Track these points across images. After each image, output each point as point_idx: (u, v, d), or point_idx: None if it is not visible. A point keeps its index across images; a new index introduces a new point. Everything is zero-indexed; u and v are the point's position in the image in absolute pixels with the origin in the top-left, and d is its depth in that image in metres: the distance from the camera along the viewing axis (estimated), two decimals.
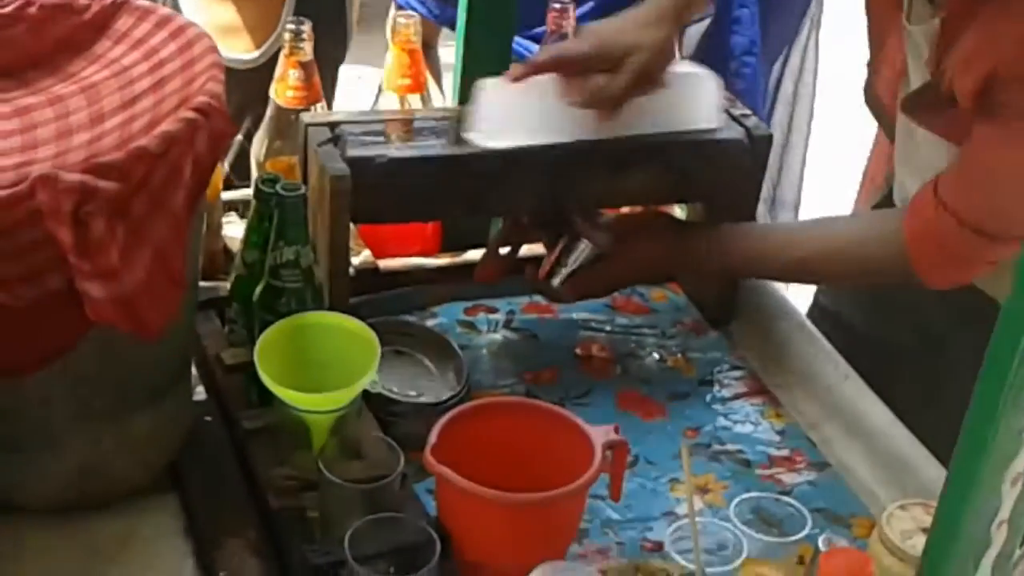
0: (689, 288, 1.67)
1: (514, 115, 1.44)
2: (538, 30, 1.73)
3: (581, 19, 1.72)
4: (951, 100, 1.29)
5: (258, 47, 1.94)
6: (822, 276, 1.52)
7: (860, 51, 1.57)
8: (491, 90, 1.44)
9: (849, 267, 1.47)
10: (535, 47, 1.72)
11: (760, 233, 1.55)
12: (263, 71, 1.79)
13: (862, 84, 1.57)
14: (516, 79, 1.41)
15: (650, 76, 1.43)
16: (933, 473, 1.36)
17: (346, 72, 2.13)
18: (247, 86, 1.89)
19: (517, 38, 1.77)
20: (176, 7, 1.92)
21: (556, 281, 1.50)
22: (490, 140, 1.44)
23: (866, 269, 1.45)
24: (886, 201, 1.60)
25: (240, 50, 1.94)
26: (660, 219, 1.58)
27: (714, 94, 1.54)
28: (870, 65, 1.53)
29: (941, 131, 1.37)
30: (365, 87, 2.13)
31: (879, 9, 1.51)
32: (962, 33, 1.28)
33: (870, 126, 1.67)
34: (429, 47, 2.08)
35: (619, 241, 1.49)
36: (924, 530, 1.13)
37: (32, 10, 1.27)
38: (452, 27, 1.82)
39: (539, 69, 1.42)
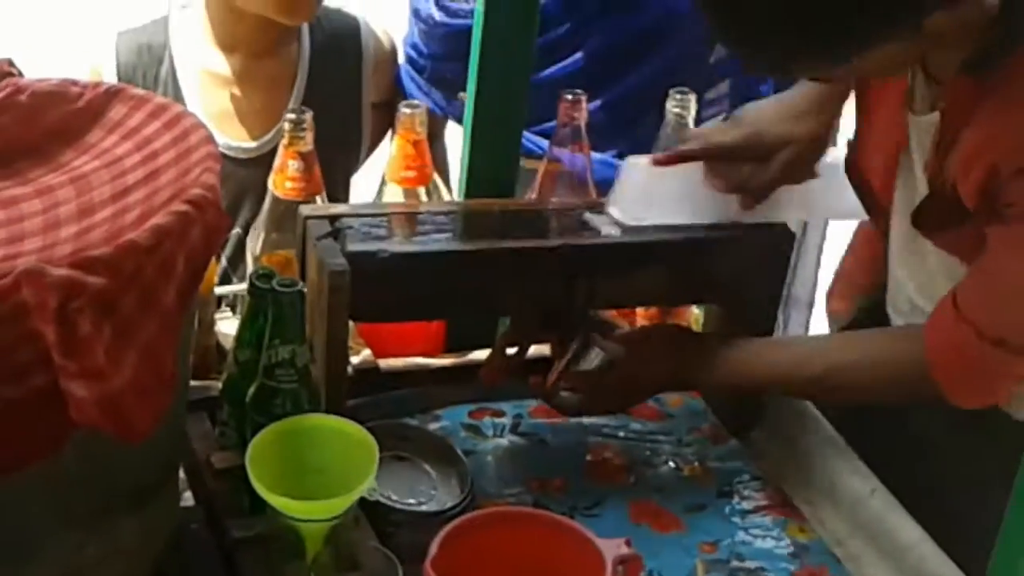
0: (707, 394, 1.68)
1: (657, 195, 1.50)
2: (547, 125, 1.76)
3: (593, 114, 1.75)
4: (960, 211, 1.30)
5: (260, 136, 1.97)
6: (844, 393, 1.52)
7: None
8: (636, 168, 1.51)
9: (874, 383, 1.46)
10: (545, 143, 1.75)
11: (779, 348, 1.56)
12: (263, 161, 1.82)
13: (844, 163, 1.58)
14: (662, 163, 1.48)
15: (800, 168, 1.47)
16: None
17: None
18: (246, 176, 1.92)
19: (527, 132, 1.80)
20: (177, 90, 1.95)
21: (566, 394, 1.51)
22: (631, 217, 1.50)
23: (891, 386, 1.45)
24: (874, 305, 1.60)
25: (240, 138, 1.97)
26: (674, 332, 1.59)
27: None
28: (852, 144, 1.54)
29: (953, 248, 1.38)
30: (363, 177, 2.15)
31: (872, 92, 1.51)
32: (961, 131, 1.30)
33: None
34: (435, 138, 2.11)
35: (631, 355, 1.50)
36: None
37: (23, 98, 1.29)
38: (459, 121, 1.85)
39: (688, 157, 1.47)
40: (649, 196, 1.51)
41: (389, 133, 2.03)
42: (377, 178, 1.73)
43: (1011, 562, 0.87)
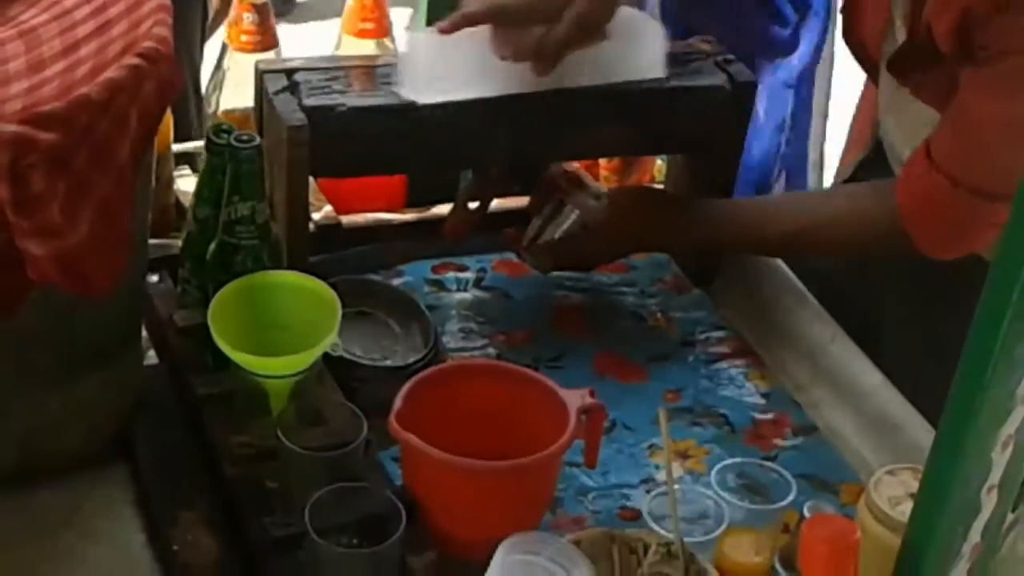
0: (679, 254, 1.68)
1: (447, 68, 1.42)
2: None
3: None
4: (933, 54, 1.29)
5: None
6: (816, 249, 1.53)
7: None
8: (423, 42, 1.43)
9: (845, 238, 1.47)
10: None
11: (752, 206, 1.56)
12: None
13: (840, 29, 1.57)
14: (447, 31, 1.39)
15: (591, 27, 1.41)
16: (925, 436, 1.37)
17: (300, 30, 2.11)
18: None
19: None
20: None
21: (541, 251, 1.50)
22: (421, 95, 1.42)
23: (863, 240, 1.46)
24: (873, 156, 1.60)
25: None
26: (650, 193, 1.60)
27: (659, 43, 1.51)
28: (844, 10, 1.52)
29: (928, 98, 1.37)
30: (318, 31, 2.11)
31: None
32: None
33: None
34: None
35: (607, 214, 1.49)
36: (913, 496, 1.14)
37: None
38: None
39: (473, 21, 1.40)
40: (436, 69, 1.42)
41: None
42: (333, 31, 1.70)
43: (968, 399, 0.88)
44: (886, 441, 1.41)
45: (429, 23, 1.62)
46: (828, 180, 2.15)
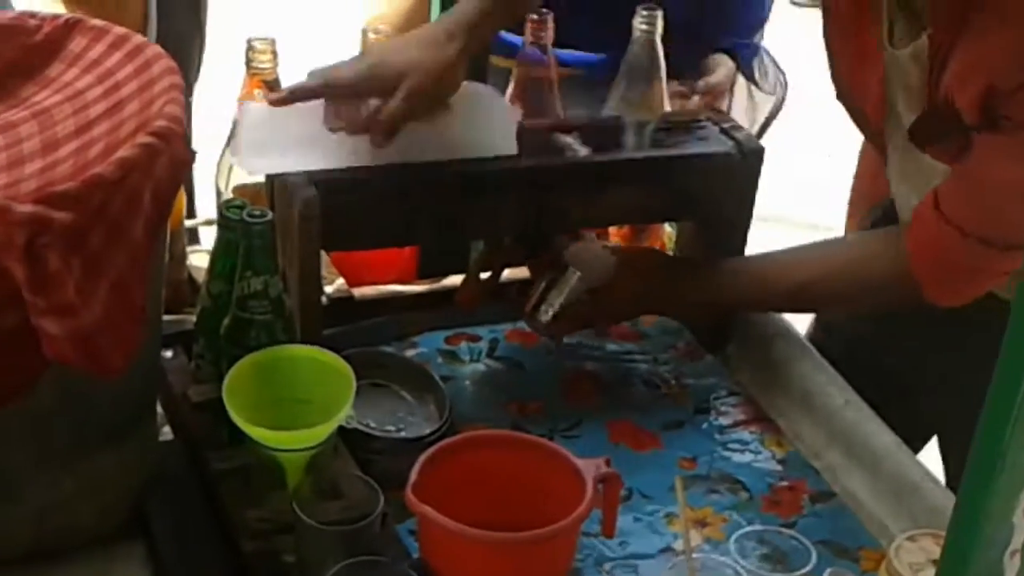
0: (685, 317, 1.68)
1: (280, 140, 1.40)
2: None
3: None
4: (958, 124, 1.29)
5: None
6: (824, 302, 1.52)
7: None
8: (255, 113, 1.42)
9: (852, 290, 1.47)
10: (519, 39, 1.70)
11: (756, 263, 1.55)
12: None
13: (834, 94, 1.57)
14: (277, 104, 1.39)
15: (428, 99, 1.39)
16: (943, 499, 1.36)
17: None
18: None
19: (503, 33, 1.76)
20: None
21: (545, 317, 1.50)
22: (249, 167, 1.42)
23: (870, 291, 1.46)
24: (885, 219, 1.60)
25: None
26: (654, 255, 1.60)
27: (506, 117, 1.49)
28: (834, 79, 1.52)
29: (938, 155, 1.37)
30: None
31: (834, 29, 1.49)
32: (953, 48, 1.28)
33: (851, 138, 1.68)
34: None
35: (615, 276, 1.49)
36: (935, 562, 1.13)
37: None
38: None
39: (304, 95, 1.39)
40: (268, 142, 1.39)
41: None
42: None
43: (988, 463, 0.87)
44: (904, 505, 1.40)
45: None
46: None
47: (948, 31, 1.29)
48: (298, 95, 1.39)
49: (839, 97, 1.53)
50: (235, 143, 1.42)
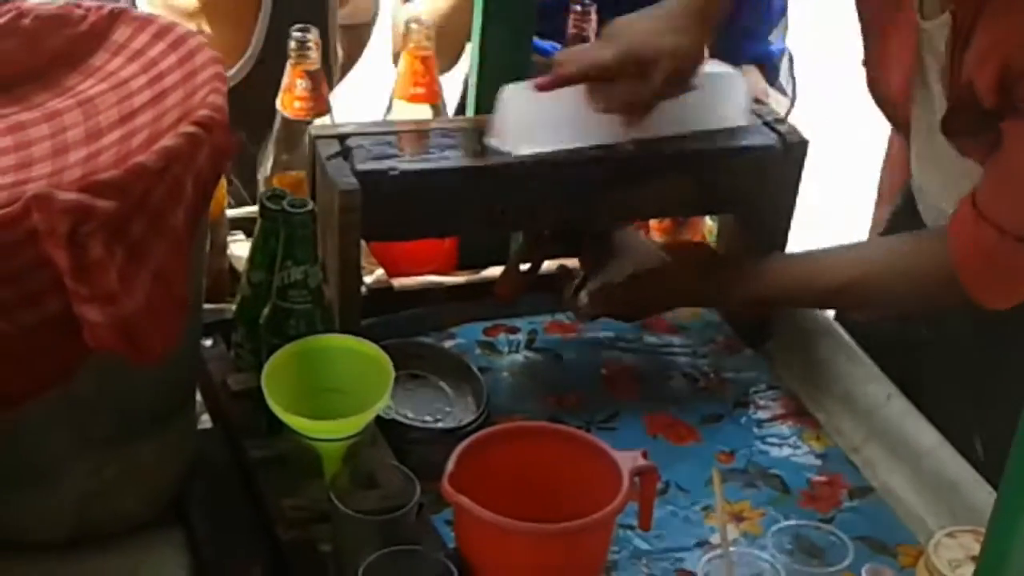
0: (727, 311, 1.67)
1: (539, 121, 1.46)
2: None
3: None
4: (985, 117, 1.29)
5: (227, 68, 1.93)
6: (869, 300, 1.52)
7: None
8: (515, 96, 1.46)
9: (897, 292, 1.46)
10: (559, 46, 1.72)
11: (802, 258, 1.55)
12: (239, 90, 1.79)
13: (865, 83, 1.56)
14: (544, 88, 1.43)
15: (680, 81, 1.44)
16: (983, 496, 1.35)
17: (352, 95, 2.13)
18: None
19: (536, 40, 1.77)
20: None
21: (584, 299, 1.50)
22: (514, 147, 1.46)
23: (915, 294, 1.45)
24: (906, 208, 1.60)
25: None
26: (703, 248, 1.61)
27: (743, 93, 1.56)
28: (867, 63, 1.53)
29: (976, 153, 1.37)
30: (365, 92, 2.13)
31: (873, 5, 1.50)
32: (974, 27, 1.29)
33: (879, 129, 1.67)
34: None
35: (661, 263, 1.50)
36: (974, 559, 1.12)
37: (26, 22, 1.28)
38: None
39: (569, 80, 1.43)
40: (530, 123, 1.47)
41: (392, 53, 2.02)
42: (385, 96, 1.71)
43: None
44: (943, 502, 1.39)
45: (478, 90, 1.64)
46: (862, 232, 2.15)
47: (970, 9, 1.30)
48: (562, 81, 1.44)
49: (869, 86, 1.53)
50: (496, 125, 1.47)
